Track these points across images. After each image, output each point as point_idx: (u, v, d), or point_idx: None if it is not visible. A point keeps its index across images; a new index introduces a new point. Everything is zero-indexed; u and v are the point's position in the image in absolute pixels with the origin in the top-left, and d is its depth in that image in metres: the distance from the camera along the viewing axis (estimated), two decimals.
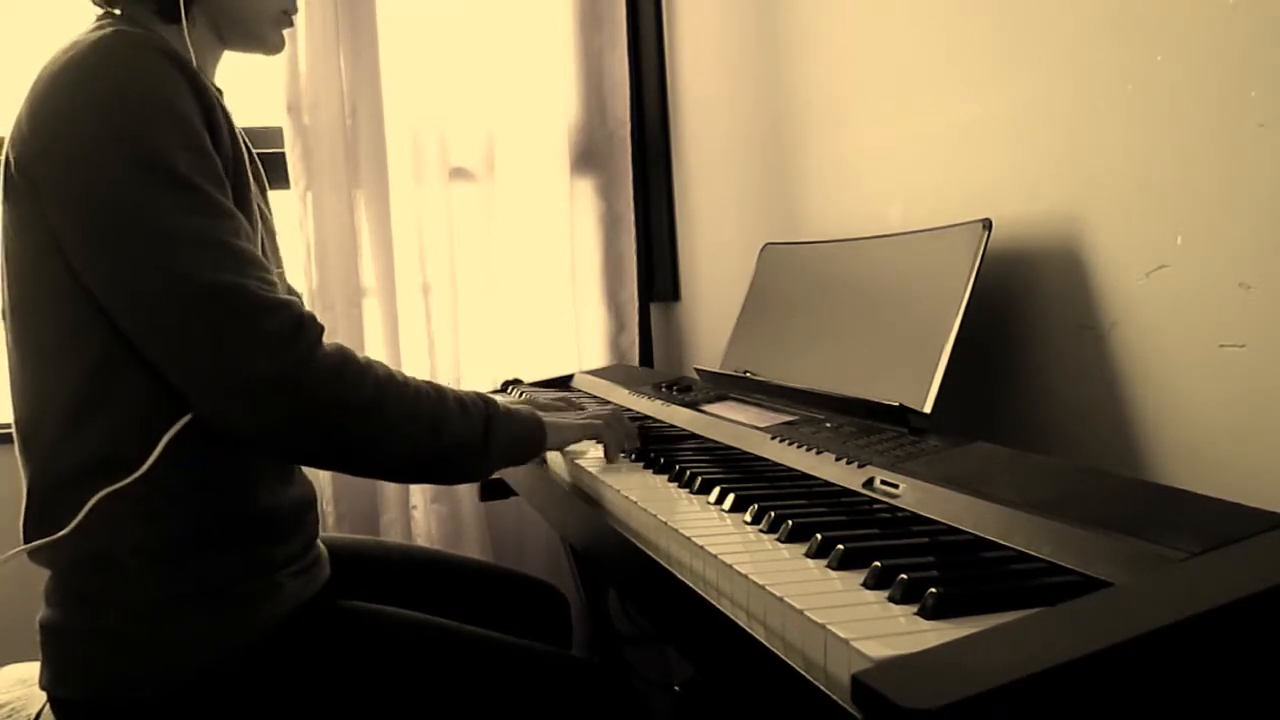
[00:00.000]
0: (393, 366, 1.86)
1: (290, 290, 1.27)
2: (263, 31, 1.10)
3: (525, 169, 1.99)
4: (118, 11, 1.01)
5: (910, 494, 0.86)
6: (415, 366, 1.89)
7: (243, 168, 1.00)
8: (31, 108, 0.92)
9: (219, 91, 1.08)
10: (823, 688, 0.59)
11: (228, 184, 0.96)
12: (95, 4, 1.03)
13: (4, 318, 0.99)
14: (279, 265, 1.14)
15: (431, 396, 1.00)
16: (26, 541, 0.96)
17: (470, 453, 1.02)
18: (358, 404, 0.94)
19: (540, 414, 1.12)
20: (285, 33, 1.13)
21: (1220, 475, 0.90)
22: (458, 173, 1.95)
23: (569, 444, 1.16)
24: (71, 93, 0.90)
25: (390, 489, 1.88)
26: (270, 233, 1.12)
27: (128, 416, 0.93)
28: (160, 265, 0.88)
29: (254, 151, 1.13)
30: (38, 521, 0.95)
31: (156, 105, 0.90)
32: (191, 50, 1.01)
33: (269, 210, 1.15)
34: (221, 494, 0.98)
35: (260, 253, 1.01)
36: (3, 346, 1.01)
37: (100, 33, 0.92)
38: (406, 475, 1.21)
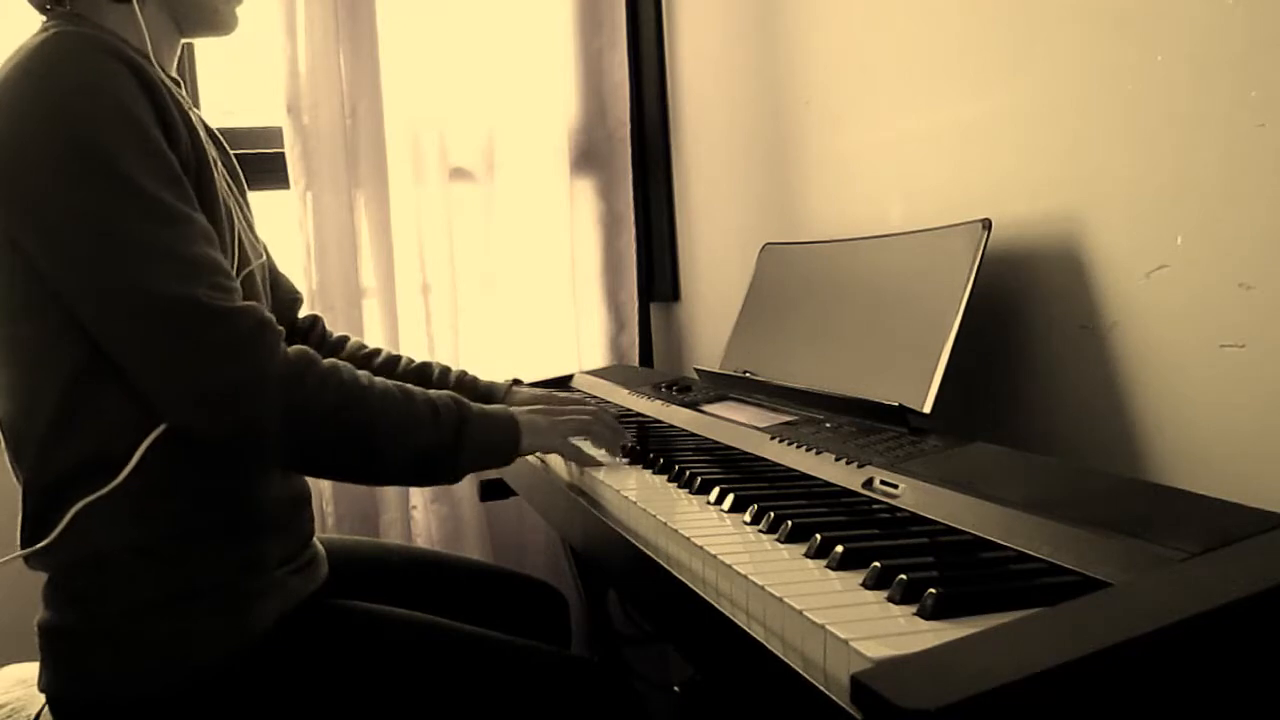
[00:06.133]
0: None
1: (273, 282, 1.25)
2: (216, 6, 1.07)
3: (525, 169, 1.99)
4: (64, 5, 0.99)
5: (910, 494, 0.86)
6: None
7: (205, 160, 0.98)
8: None
9: (176, 83, 1.05)
10: (822, 688, 0.59)
11: (187, 181, 0.94)
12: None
13: None
14: (258, 257, 1.11)
15: (399, 400, 0.99)
16: (23, 545, 0.96)
17: (440, 458, 1.01)
18: (318, 410, 0.93)
19: (518, 415, 1.09)
20: (285, 33, 1.12)
21: (1220, 475, 0.90)
22: (458, 173, 1.95)
23: (549, 448, 1.13)
24: (16, 98, 0.88)
25: (389, 489, 1.88)
26: (247, 224, 1.10)
27: (114, 420, 0.93)
28: (110, 276, 0.87)
29: (224, 143, 1.11)
30: (33, 526, 0.96)
31: (104, 107, 0.88)
32: (146, 33, 0.99)
33: (245, 201, 1.13)
34: (214, 492, 0.98)
35: (228, 250, 0.99)
36: None
37: (44, 35, 0.91)
38: (373, 479, 1.18)
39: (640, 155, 2.11)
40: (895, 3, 1.34)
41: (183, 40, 1.10)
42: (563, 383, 1.89)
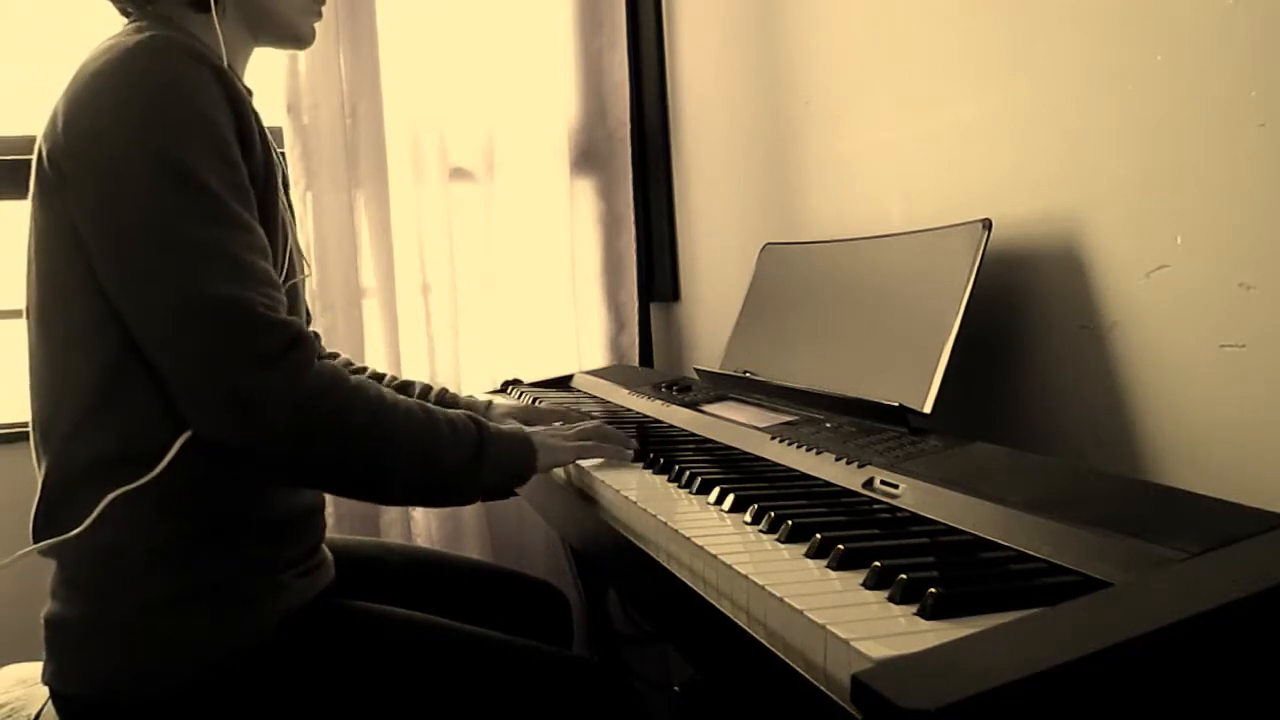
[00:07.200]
0: (393, 367, 1.85)
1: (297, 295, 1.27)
2: (293, 20, 1.10)
3: (525, 169, 1.99)
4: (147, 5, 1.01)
5: (910, 494, 0.86)
6: (415, 366, 1.89)
7: (273, 175, 1.01)
8: (67, 106, 0.92)
9: (249, 92, 1.07)
10: (823, 688, 0.59)
11: (253, 195, 0.96)
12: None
13: (26, 315, 0.99)
14: (304, 270, 1.14)
15: (422, 420, 0.99)
16: (35, 534, 0.97)
17: (460, 477, 1.01)
18: (346, 426, 0.93)
19: (531, 435, 1.09)
20: None
21: (1220, 475, 0.90)
22: (458, 173, 1.95)
23: (560, 465, 1.13)
24: (107, 96, 0.90)
25: None
26: (295, 237, 1.12)
27: (142, 414, 0.94)
28: (168, 271, 0.88)
29: (279, 153, 1.13)
30: (49, 516, 0.96)
31: (189, 114, 0.91)
32: (223, 43, 1.01)
33: (293, 214, 1.15)
34: (232, 495, 0.98)
35: (279, 262, 1.01)
36: (18, 347, 1.01)
37: (139, 36, 0.93)
38: (392, 499, 1.17)
39: (640, 155, 2.11)
40: (895, 3, 1.34)
41: (255, 49, 1.12)
42: (563, 383, 1.89)
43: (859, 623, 0.60)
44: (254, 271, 0.91)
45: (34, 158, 0.96)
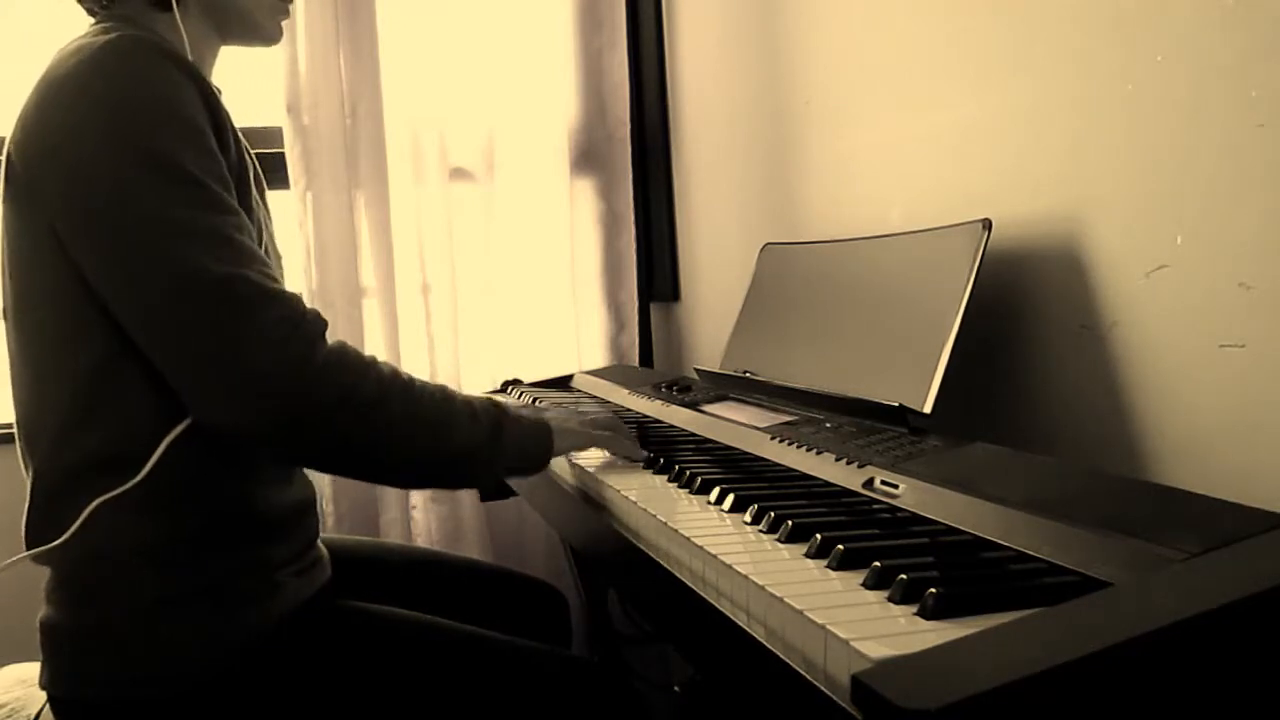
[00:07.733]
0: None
1: None
2: (259, 19, 1.09)
3: (525, 169, 1.99)
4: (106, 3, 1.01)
5: (910, 494, 0.86)
6: (415, 366, 1.89)
7: (246, 172, 1.00)
8: (38, 109, 0.92)
9: (218, 91, 1.08)
10: (823, 688, 0.59)
11: (231, 185, 0.95)
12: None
13: (4, 318, 0.99)
14: (278, 269, 1.14)
15: (438, 399, 0.98)
16: (28, 540, 0.96)
17: (476, 458, 1.00)
18: (359, 403, 0.92)
19: (549, 420, 1.09)
20: (285, 32, 1.13)
21: (1220, 475, 0.90)
22: (457, 173, 1.95)
23: (577, 450, 1.13)
24: (79, 97, 0.90)
25: (390, 489, 1.88)
26: (270, 236, 1.12)
27: (129, 417, 0.93)
28: (162, 256, 0.87)
29: (253, 154, 1.13)
30: (40, 521, 0.95)
31: (163, 110, 0.90)
32: (187, 41, 1.01)
33: (268, 214, 1.15)
34: (222, 495, 0.98)
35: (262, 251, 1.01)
36: (3, 347, 1.01)
37: (107, 37, 0.92)
38: (409, 480, 1.13)
39: (640, 155, 2.11)
40: (895, 3, 1.34)
41: (222, 47, 1.12)
42: (563, 383, 1.89)
43: (859, 623, 0.60)
44: (247, 251, 0.91)
45: (2, 162, 0.95)
